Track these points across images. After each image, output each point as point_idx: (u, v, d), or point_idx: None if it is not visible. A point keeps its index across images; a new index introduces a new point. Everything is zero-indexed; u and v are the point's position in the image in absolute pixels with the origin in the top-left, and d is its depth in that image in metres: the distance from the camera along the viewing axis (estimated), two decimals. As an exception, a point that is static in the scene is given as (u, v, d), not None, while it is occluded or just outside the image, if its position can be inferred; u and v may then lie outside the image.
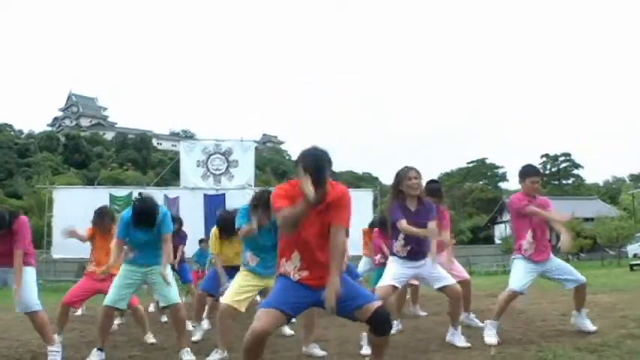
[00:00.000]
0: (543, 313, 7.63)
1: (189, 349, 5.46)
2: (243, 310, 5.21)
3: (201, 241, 11.86)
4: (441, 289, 5.60)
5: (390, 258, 5.75)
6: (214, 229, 6.84)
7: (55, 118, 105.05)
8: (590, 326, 5.87)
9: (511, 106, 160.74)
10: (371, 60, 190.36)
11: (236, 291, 5.24)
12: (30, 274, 5.19)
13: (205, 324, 6.98)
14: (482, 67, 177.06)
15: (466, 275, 6.94)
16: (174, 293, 5.56)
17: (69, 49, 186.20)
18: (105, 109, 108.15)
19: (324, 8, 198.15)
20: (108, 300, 5.44)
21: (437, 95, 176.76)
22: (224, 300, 5.25)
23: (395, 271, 5.59)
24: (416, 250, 5.53)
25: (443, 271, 5.70)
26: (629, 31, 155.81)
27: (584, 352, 4.79)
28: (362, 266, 9.63)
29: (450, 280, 5.63)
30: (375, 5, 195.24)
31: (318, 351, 5.34)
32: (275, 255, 4.23)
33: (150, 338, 6.40)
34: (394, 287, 5.65)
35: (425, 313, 8.38)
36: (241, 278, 5.35)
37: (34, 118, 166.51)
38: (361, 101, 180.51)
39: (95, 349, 5.39)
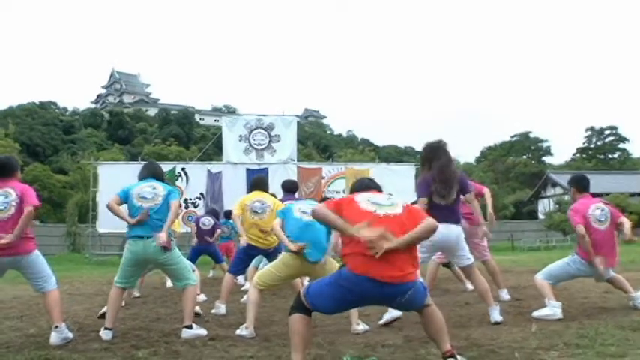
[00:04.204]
0: (585, 290, 7.56)
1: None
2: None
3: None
4: None
5: None
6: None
7: (99, 95, 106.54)
8: None
9: (555, 79, 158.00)
10: (415, 36, 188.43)
11: (271, 277, 5.43)
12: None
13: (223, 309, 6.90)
14: (527, 40, 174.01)
15: None
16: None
17: (111, 27, 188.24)
18: (147, 85, 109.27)
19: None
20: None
21: (481, 70, 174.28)
22: (259, 282, 5.42)
23: None
24: None
25: None
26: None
27: (627, 330, 4.73)
28: None
29: None
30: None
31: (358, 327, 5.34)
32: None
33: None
34: None
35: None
36: (279, 265, 5.45)
37: (78, 96, 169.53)
38: (404, 76, 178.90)
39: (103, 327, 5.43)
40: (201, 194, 20.99)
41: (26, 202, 5.03)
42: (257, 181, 7.39)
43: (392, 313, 5.51)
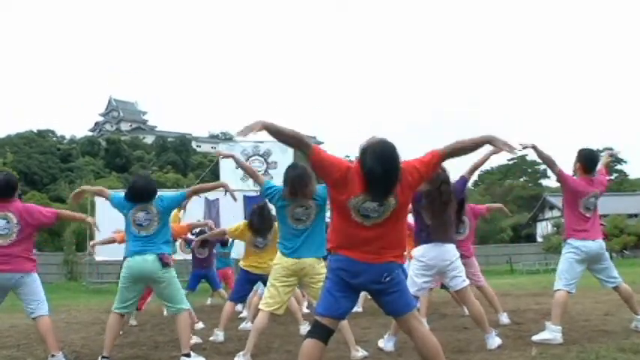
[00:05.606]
0: (586, 313, 7.52)
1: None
2: (281, 312, 5.28)
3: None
4: None
5: None
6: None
7: (96, 123, 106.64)
8: None
9: (550, 102, 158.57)
10: (408, 61, 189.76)
11: (272, 296, 5.26)
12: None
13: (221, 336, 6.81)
14: (522, 60, 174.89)
15: None
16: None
17: (108, 55, 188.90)
18: (144, 113, 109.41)
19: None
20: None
21: (476, 94, 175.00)
22: (262, 306, 5.31)
23: None
24: None
25: None
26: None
27: (629, 353, 4.70)
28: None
29: None
30: None
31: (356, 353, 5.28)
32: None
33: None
34: None
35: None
36: (274, 279, 5.28)
37: (75, 124, 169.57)
38: (399, 101, 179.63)
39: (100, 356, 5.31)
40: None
41: (41, 217, 5.24)
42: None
43: (388, 343, 5.49)
